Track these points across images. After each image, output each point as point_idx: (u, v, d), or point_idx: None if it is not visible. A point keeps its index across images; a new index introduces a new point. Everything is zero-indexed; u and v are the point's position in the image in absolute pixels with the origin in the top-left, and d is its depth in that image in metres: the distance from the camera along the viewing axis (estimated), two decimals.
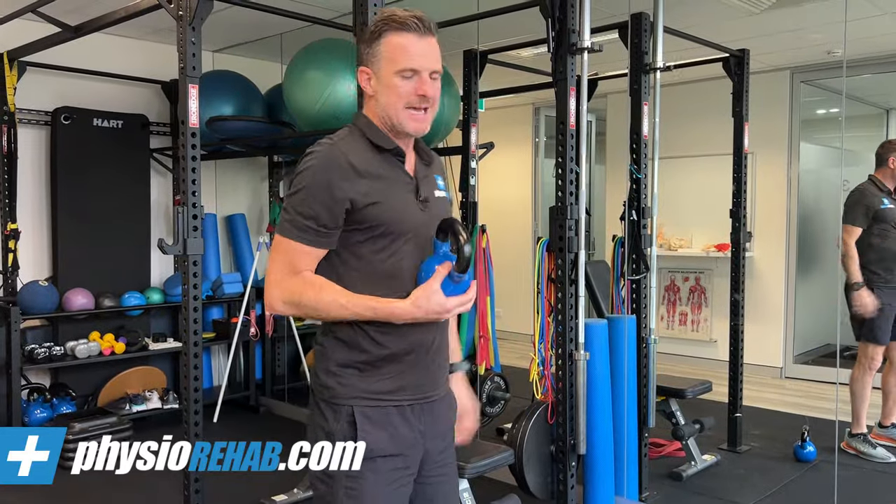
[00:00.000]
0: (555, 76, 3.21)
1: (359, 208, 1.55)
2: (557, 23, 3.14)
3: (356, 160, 1.57)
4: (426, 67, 1.58)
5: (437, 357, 1.70)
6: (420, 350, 1.64)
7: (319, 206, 1.53)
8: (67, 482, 1.97)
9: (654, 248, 3.70)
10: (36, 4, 3.70)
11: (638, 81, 3.62)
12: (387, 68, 1.59)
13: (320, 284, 1.56)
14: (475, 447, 3.09)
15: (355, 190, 1.54)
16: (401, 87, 1.58)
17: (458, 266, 1.53)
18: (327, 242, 1.58)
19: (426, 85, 1.58)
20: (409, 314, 1.53)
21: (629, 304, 3.73)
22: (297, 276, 1.57)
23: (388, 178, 1.61)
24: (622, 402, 3.47)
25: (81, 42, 4.11)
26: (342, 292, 1.55)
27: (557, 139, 3.22)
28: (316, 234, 1.55)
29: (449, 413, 1.77)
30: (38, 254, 4.86)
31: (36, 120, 4.81)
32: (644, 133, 3.63)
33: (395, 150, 1.62)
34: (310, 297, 1.55)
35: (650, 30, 3.59)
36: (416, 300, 1.53)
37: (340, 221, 1.56)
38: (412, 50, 1.57)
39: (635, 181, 3.65)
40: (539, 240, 3.34)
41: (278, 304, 1.58)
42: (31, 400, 4.56)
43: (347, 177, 1.54)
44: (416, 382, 1.64)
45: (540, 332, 3.39)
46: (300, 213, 1.55)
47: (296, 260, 1.57)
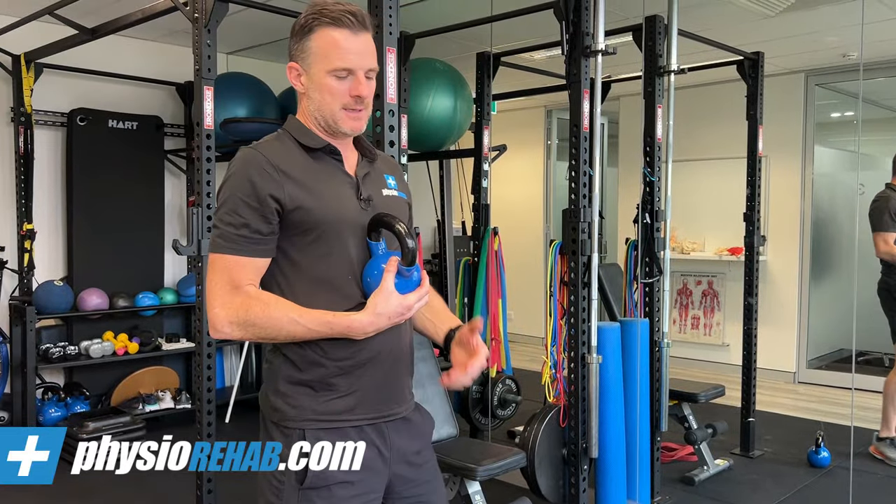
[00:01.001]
0: (569, 79, 3.20)
1: (289, 211, 1.43)
2: (571, 25, 3.14)
3: (280, 162, 1.45)
4: (362, 66, 1.47)
5: (400, 366, 1.55)
6: (380, 360, 1.49)
7: (247, 211, 1.41)
8: (87, 479, 1.96)
9: (668, 251, 3.69)
10: (53, 7, 3.74)
11: (652, 84, 3.61)
12: (318, 66, 1.47)
13: (266, 300, 1.41)
14: (486, 449, 3.09)
15: (281, 191, 1.42)
16: (335, 87, 1.47)
17: (405, 259, 1.43)
18: (265, 250, 1.44)
19: (362, 85, 1.47)
20: (370, 325, 1.40)
21: (642, 307, 3.72)
22: (241, 293, 1.41)
23: (322, 179, 1.49)
24: (635, 406, 3.45)
25: (97, 44, 4.15)
26: (293, 307, 1.41)
27: (571, 142, 3.22)
28: (251, 243, 1.42)
29: (420, 429, 1.61)
30: (54, 254, 4.90)
31: (52, 121, 4.85)
32: (658, 136, 3.62)
33: (327, 149, 1.51)
34: (257, 314, 1.39)
35: (664, 32, 3.58)
36: (376, 307, 1.39)
37: (275, 224, 1.43)
38: (346, 47, 1.45)
39: (649, 184, 3.64)
40: (552, 242, 3.33)
41: (224, 326, 1.40)
42: (46, 399, 4.59)
43: (271, 178, 1.42)
44: (378, 398, 1.50)
45: (552, 335, 3.38)
46: (230, 224, 1.42)
47: (235, 275, 1.41)
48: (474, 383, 4.21)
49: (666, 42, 3.60)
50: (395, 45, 2.43)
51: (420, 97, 4.33)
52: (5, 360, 4.51)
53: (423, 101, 4.32)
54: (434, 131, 4.42)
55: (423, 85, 4.35)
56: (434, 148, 4.69)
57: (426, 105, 4.25)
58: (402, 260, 1.43)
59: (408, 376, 1.61)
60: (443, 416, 3.13)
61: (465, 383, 1.53)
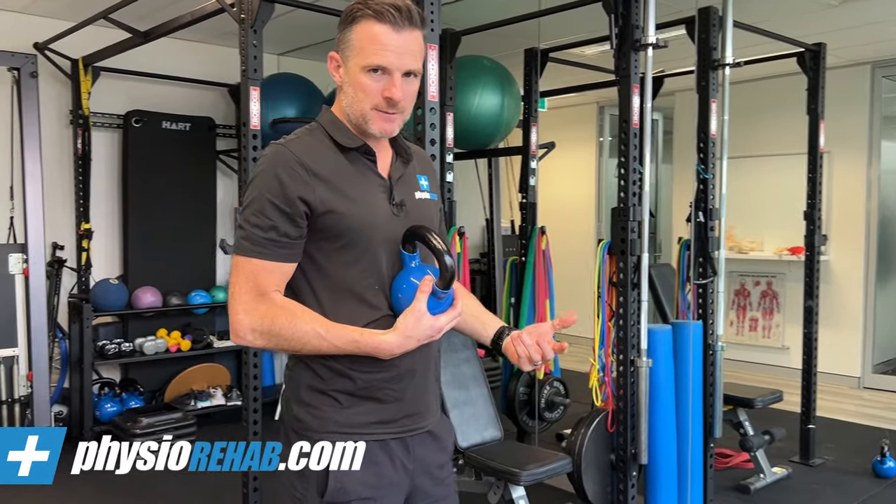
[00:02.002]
0: (618, 73, 3.12)
1: (318, 215, 1.36)
2: (621, 18, 3.05)
3: (311, 161, 1.38)
4: (399, 66, 1.38)
5: (427, 381, 1.51)
6: (408, 376, 1.44)
7: (275, 213, 1.35)
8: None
9: (723, 251, 3.56)
10: (107, 11, 3.81)
11: (706, 78, 3.49)
12: (355, 60, 1.39)
13: (293, 310, 1.36)
14: (531, 453, 3.03)
15: (312, 193, 1.36)
16: (368, 85, 1.39)
17: (442, 280, 1.36)
18: (292, 255, 1.38)
19: (395, 87, 1.38)
20: (399, 347, 1.34)
21: (695, 309, 3.60)
22: (266, 300, 1.35)
23: (353, 181, 1.41)
24: (686, 412, 3.34)
25: (152, 47, 4.22)
26: (320, 320, 1.35)
27: (620, 138, 3.13)
28: (278, 247, 1.36)
29: (444, 443, 1.55)
30: (110, 253, 5.02)
31: (109, 123, 4.97)
32: (712, 132, 3.50)
33: (362, 149, 1.43)
34: (283, 325, 1.33)
35: (719, 24, 3.46)
36: (405, 329, 1.33)
37: (303, 228, 1.37)
38: (385, 44, 1.36)
39: (702, 182, 3.52)
40: (600, 242, 3.25)
41: (247, 333, 1.35)
42: (102, 394, 4.70)
43: (300, 179, 1.35)
44: (404, 413, 1.44)
45: (600, 338, 3.29)
46: (257, 226, 1.35)
47: (261, 280, 1.35)
48: (521, 385, 4.15)
49: (721, 34, 3.47)
50: (437, 42, 2.39)
51: (467, 94, 4.28)
52: (64, 356, 4.64)
53: (469, 98, 4.28)
54: (481, 129, 4.36)
55: (470, 82, 4.30)
56: (481, 146, 4.64)
57: (473, 102, 4.21)
58: (439, 281, 1.36)
59: (435, 387, 1.57)
60: (487, 419, 3.09)
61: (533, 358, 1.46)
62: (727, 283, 6.73)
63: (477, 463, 2.88)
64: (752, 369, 6.32)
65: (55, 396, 4.61)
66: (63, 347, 4.64)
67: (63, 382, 4.65)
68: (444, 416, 1.61)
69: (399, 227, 1.43)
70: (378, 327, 1.39)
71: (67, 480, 1.49)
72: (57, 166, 4.76)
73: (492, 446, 3.02)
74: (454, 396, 3.03)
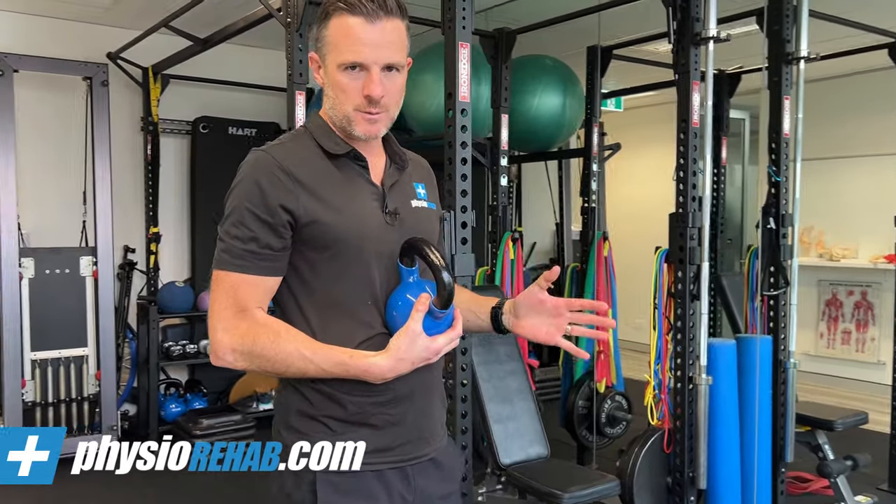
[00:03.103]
0: (676, 70, 2.92)
1: (303, 224, 1.26)
2: (679, 11, 2.85)
3: (294, 167, 1.28)
4: (376, 60, 1.27)
5: (429, 404, 1.39)
6: (406, 399, 1.33)
7: (255, 223, 1.25)
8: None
9: (796, 260, 3.28)
10: (168, 19, 3.89)
11: (778, 73, 3.23)
12: (331, 58, 1.30)
13: (277, 329, 1.25)
14: (577, 473, 2.86)
15: (295, 202, 1.26)
16: (346, 84, 1.29)
17: (439, 299, 1.25)
18: (275, 268, 1.28)
19: (374, 84, 1.27)
20: (390, 371, 1.24)
21: (766, 322, 3.34)
22: (247, 318, 1.25)
23: (342, 189, 1.31)
24: (753, 433, 3.09)
25: (218, 55, 4.31)
26: (306, 341, 1.25)
27: (679, 138, 2.93)
28: (259, 260, 1.26)
29: (450, 471, 1.43)
30: (179, 256, 5.14)
31: (178, 129, 5.09)
32: (785, 131, 3.24)
33: (351, 154, 1.34)
34: (264, 345, 1.23)
35: (793, 15, 3.19)
36: (398, 351, 1.23)
37: (287, 239, 1.27)
38: (359, 37, 1.26)
39: (774, 185, 3.26)
40: (657, 249, 3.05)
41: (226, 354, 1.24)
42: (168, 394, 4.81)
43: (282, 186, 1.26)
44: (403, 439, 1.33)
45: (656, 352, 3.09)
46: (236, 238, 1.26)
47: (241, 295, 1.26)
48: (580, 398, 3.97)
49: (795, 26, 3.21)
50: (468, 41, 2.28)
51: (526, 95, 4.14)
52: (134, 357, 4.78)
53: (529, 99, 4.14)
54: (541, 130, 4.22)
55: (530, 83, 4.16)
56: (542, 148, 4.49)
57: (532, 104, 4.06)
58: (437, 299, 1.25)
59: (440, 410, 1.44)
60: (532, 434, 2.94)
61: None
62: (817, 293, 6.30)
63: (518, 482, 2.74)
64: (843, 385, 5.88)
65: (125, 395, 4.75)
66: (133, 348, 4.78)
67: (133, 382, 4.78)
68: (450, 441, 1.49)
69: (393, 237, 1.33)
70: (371, 346, 1.28)
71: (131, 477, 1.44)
72: (130, 172, 4.91)
73: (536, 464, 2.87)
74: (497, 411, 2.89)
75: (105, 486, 3.68)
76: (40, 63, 4.29)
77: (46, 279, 4.24)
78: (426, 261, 1.27)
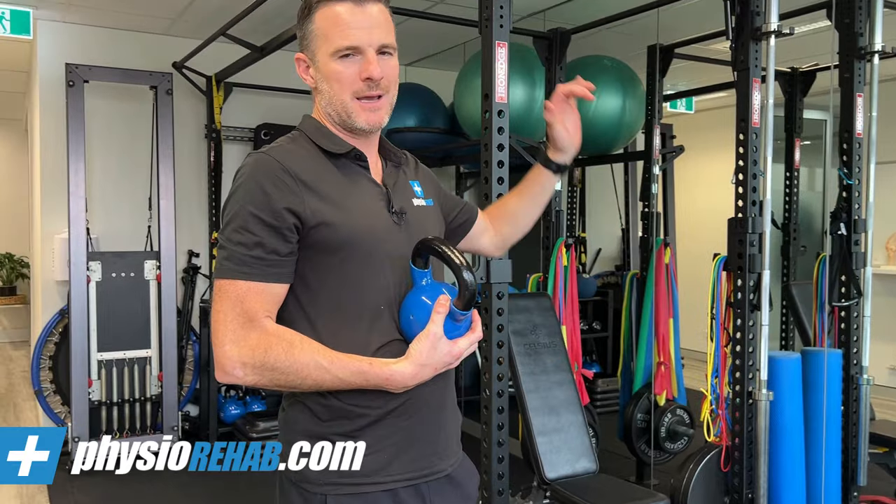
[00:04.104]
0: (735, 66, 2.77)
1: (310, 227, 1.21)
2: (738, 4, 2.70)
3: (297, 168, 1.23)
4: (370, 42, 1.24)
5: (444, 415, 1.32)
6: (420, 407, 1.26)
7: (260, 227, 1.19)
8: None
9: (870, 268, 3.06)
10: (224, 28, 3.95)
11: (850, 69, 3.03)
12: (322, 50, 1.26)
13: (290, 339, 1.18)
14: (625, 491, 2.73)
15: (301, 204, 1.21)
16: (342, 72, 1.25)
17: (461, 300, 1.19)
18: (282, 274, 1.22)
19: (372, 65, 1.24)
20: (413, 377, 1.18)
21: (837, 335, 3.12)
22: (256, 328, 1.18)
23: (347, 189, 1.27)
24: (820, 453, 2.89)
25: (280, 62, 4.33)
26: (322, 350, 1.18)
27: (738, 139, 2.78)
28: (266, 266, 1.19)
29: (466, 489, 1.37)
30: None
31: (241, 136, 5.19)
32: (857, 131, 3.03)
33: (352, 154, 1.29)
34: (278, 357, 1.16)
35: (865, 6, 2.98)
36: (420, 356, 1.18)
37: (294, 243, 1.21)
38: (349, 22, 1.23)
39: (845, 188, 3.05)
40: (715, 256, 2.89)
41: (236, 368, 1.17)
42: (228, 396, 4.89)
43: (287, 188, 1.21)
44: (417, 453, 1.27)
45: (714, 364, 2.93)
46: (240, 244, 1.19)
47: (248, 304, 1.18)
48: (639, 410, 3.82)
49: (869, 18, 3.00)
50: (506, 40, 2.20)
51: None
52: (197, 359, 4.88)
53: (585, 101, 4.00)
54: (600, 134, 4.08)
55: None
56: (602, 151, 4.35)
57: (590, 106, 3.94)
58: (458, 300, 1.19)
59: (453, 423, 1.37)
60: (580, 448, 2.84)
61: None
62: None
63: (562, 497, 2.64)
64: None
65: (188, 396, 4.86)
66: (196, 350, 4.88)
67: (195, 384, 4.88)
68: (465, 457, 1.41)
69: (402, 238, 1.28)
70: (388, 353, 1.23)
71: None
72: (195, 178, 5.03)
73: (583, 479, 2.76)
74: (542, 422, 2.80)
75: (175, 486, 3.77)
76: (109, 73, 4.45)
77: (112, 282, 4.38)
78: (444, 260, 1.20)
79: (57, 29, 4.66)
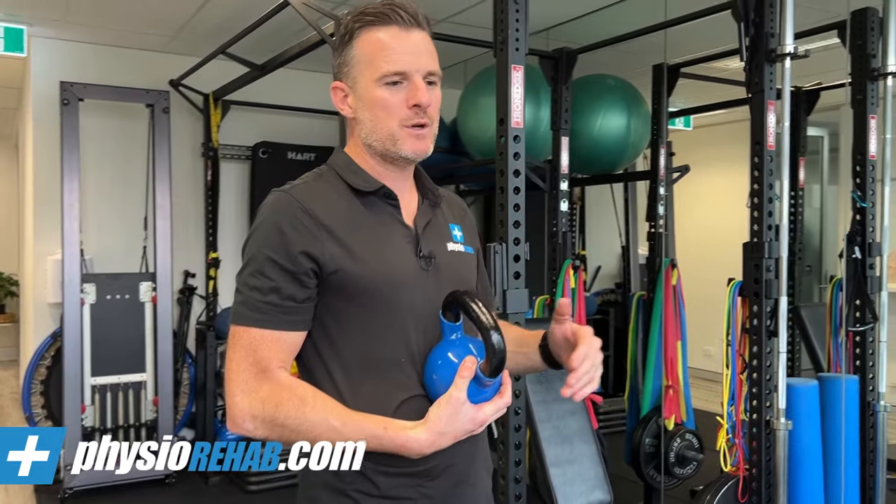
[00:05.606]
0: (749, 87, 2.72)
1: (328, 273, 1.15)
2: (752, 26, 2.66)
3: (319, 209, 1.17)
4: (419, 68, 1.18)
5: (471, 476, 1.24)
6: (447, 470, 1.19)
7: (276, 272, 1.13)
8: None
9: (885, 292, 3.01)
10: (224, 46, 3.89)
11: (863, 91, 2.99)
12: (365, 76, 1.19)
13: (302, 394, 1.12)
14: None
15: (320, 248, 1.14)
16: (387, 99, 1.18)
17: (488, 366, 1.09)
18: (299, 322, 1.16)
19: (420, 91, 1.18)
20: (430, 445, 1.10)
21: (851, 360, 3.07)
22: (269, 379, 1.12)
23: (372, 231, 1.20)
24: (839, 482, 2.83)
25: (278, 80, 4.29)
26: (336, 409, 1.11)
27: (752, 162, 2.73)
28: (281, 312, 1.14)
29: None
30: None
31: (238, 154, 5.11)
32: (871, 153, 2.99)
33: (381, 192, 1.22)
34: (288, 413, 1.10)
35: (878, 27, 2.95)
36: (439, 423, 1.09)
37: (312, 289, 1.15)
38: (396, 47, 1.18)
39: (859, 211, 3.01)
40: (730, 281, 2.83)
41: (245, 421, 1.11)
42: (224, 420, 4.77)
43: (306, 230, 1.15)
44: None
45: (730, 392, 2.86)
46: (255, 289, 1.14)
47: (261, 353, 1.13)
48: (647, 435, 3.74)
49: (881, 39, 2.97)
50: (522, 63, 2.14)
51: (588, 116, 3.98)
52: (192, 382, 4.77)
53: (591, 120, 3.97)
54: (605, 152, 4.04)
55: (592, 104, 4.00)
56: (607, 170, 4.31)
57: (595, 125, 3.90)
58: (485, 364, 1.10)
59: (485, 479, 1.29)
60: (594, 479, 2.76)
61: (586, 390, 1.17)
62: None
63: None
64: None
65: (183, 420, 4.75)
66: (192, 373, 4.78)
67: (191, 407, 4.78)
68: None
69: (430, 284, 1.21)
70: (408, 410, 1.15)
71: None
72: (192, 197, 4.94)
73: None
74: (556, 453, 2.72)
75: None
76: (104, 91, 4.37)
77: (107, 304, 4.28)
78: (473, 319, 1.11)
79: (51, 46, 4.57)
